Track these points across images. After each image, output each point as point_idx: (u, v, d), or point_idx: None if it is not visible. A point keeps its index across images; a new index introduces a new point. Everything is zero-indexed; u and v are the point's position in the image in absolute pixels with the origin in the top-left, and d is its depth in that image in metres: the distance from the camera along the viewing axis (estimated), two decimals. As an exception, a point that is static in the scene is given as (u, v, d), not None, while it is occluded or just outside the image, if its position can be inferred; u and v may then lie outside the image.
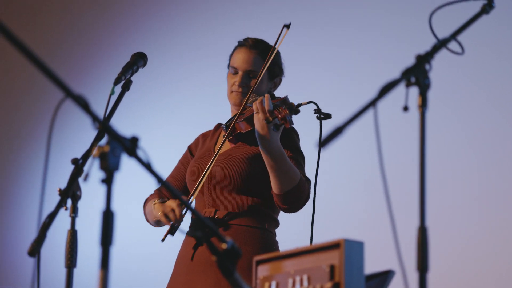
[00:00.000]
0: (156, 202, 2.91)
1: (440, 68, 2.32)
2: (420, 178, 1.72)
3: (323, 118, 2.71)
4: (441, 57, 1.88)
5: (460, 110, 4.14)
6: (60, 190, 2.27)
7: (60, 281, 2.46)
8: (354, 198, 4.28)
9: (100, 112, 1.83)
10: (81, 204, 2.30)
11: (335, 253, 1.83)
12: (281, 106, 2.65)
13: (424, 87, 1.76)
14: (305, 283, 1.89)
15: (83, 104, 1.59)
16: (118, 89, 2.67)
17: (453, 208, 4.03)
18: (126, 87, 2.71)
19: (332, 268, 1.83)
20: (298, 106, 2.67)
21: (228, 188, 2.89)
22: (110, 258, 1.53)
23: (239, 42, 3.07)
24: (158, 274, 3.41)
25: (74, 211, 2.28)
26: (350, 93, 4.36)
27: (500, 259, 3.90)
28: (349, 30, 4.50)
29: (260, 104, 2.68)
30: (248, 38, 3.05)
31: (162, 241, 2.84)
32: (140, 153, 1.62)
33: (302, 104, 2.68)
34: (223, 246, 1.74)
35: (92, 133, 2.38)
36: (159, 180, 1.68)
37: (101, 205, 1.56)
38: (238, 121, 2.88)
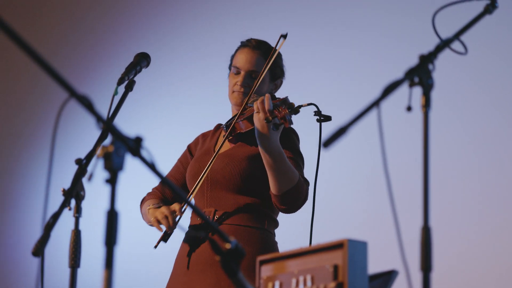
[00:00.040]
0: (150, 207, 2.91)
1: (442, 69, 2.31)
2: (424, 178, 1.72)
3: (323, 120, 2.72)
4: (443, 57, 1.88)
5: (463, 110, 4.14)
6: (63, 190, 2.28)
7: (64, 281, 2.47)
8: (356, 198, 4.28)
9: (103, 113, 1.83)
10: (84, 204, 2.30)
11: (339, 253, 1.83)
12: (281, 106, 2.66)
13: (427, 87, 1.76)
14: (308, 283, 1.89)
15: (87, 104, 1.59)
16: (121, 89, 2.67)
17: (456, 207, 4.03)
18: (129, 88, 2.71)
19: (335, 268, 1.83)
20: (299, 107, 2.68)
21: (228, 188, 2.88)
22: (115, 258, 1.53)
23: (242, 42, 3.07)
24: (158, 274, 3.41)
25: (78, 211, 2.29)
26: (350, 94, 4.36)
27: (504, 259, 3.90)
28: (349, 30, 4.50)
29: (260, 103, 2.69)
30: (251, 39, 3.05)
31: (155, 247, 2.85)
32: (144, 153, 1.62)
33: (303, 106, 2.69)
34: (227, 246, 1.74)
35: (96, 133, 2.40)
36: (164, 180, 1.68)
37: (104, 205, 1.56)
38: (239, 120, 2.89)
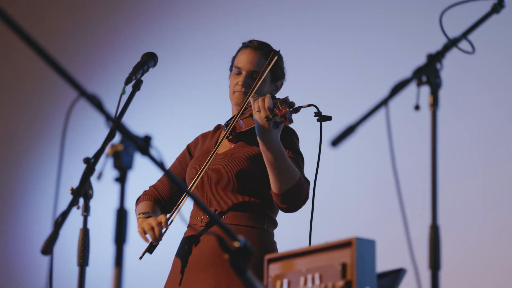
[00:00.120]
0: (140, 216, 2.93)
1: (448, 68, 2.32)
2: (432, 177, 1.72)
3: (323, 120, 2.73)
4: (448, 57, 1.88)
5: (470, 109, 4.14)
6: (72, 189, 2.28)
7: (73, 279, 2.47)
8: (364, 197, 4.28)
9: (111, 112, 1.84)
10: (93, 203, 2.31)
11: (347, 251, 1.83)
12: (281, 104, 2.68)
13: (435, 86, 1.77)
14: (317, 282, 1.89)
15: (97, 104, 1.60)
16: (129, 89, 2.68)
17: (465, 206, 4.02)
18: (137, 87, 2.72)
19: (344, 266, 1.83)
20: (299, 107, 2.69)
21: (227, 188, 2.88)
22: (124, 256, 1.54)
23: (244, 43, 3.08)
24: (158, 274, 3.41)
25: (86, 210, 2.29)
26: (350, 94, 4.36)
27: (512, 258, 3.90)
28: (350, 31, 4.50)
29: (261, 101, 2.70)
30: (253, 40, 3.06)
31: (140, 258, 2.86)
32: (153, 152, 1.63)
33: (303, 107, 2.70)
34: (236, 244, 1.75)
35: (103, 132, 2.41)
36: (173, 180, 1.69)
37: (112, 203, 1.57)
38: (239, 119, 2.90)
